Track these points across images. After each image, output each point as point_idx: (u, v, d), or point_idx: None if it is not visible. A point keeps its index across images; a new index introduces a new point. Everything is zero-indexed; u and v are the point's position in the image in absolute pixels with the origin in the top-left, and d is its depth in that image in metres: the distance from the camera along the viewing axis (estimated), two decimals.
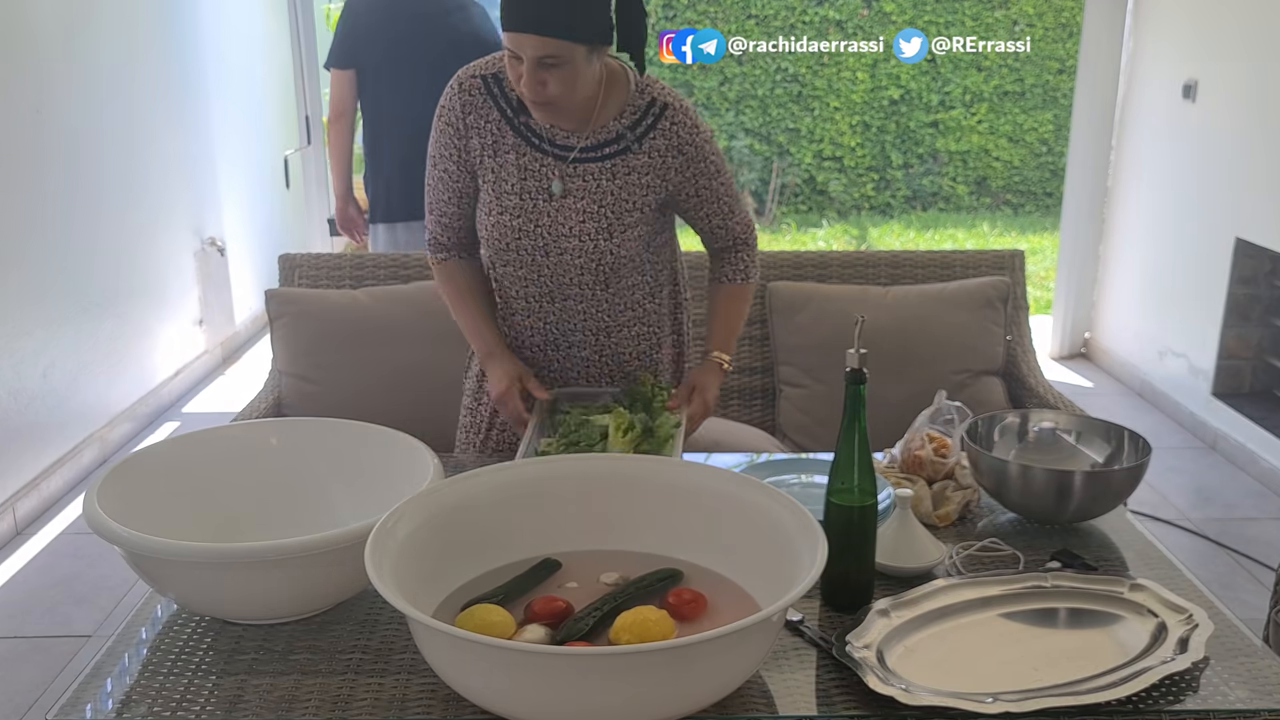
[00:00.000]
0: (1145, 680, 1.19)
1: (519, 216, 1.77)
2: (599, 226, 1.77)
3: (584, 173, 1.76)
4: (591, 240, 1.78)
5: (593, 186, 1.76)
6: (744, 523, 1.38)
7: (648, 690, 1.11)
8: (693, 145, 1.78)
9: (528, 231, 1.78)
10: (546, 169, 1.76)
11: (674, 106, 1.77)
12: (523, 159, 1.76)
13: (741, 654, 1.16)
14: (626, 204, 1.78)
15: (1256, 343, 3.99)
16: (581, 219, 1.77)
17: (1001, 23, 8.30)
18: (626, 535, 1.45)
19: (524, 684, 1.12)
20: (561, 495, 1.46)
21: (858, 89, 8.38)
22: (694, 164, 1.79)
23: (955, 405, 1.78)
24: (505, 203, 1.77)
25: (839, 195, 8.57)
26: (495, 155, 1.77)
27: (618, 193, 1.77)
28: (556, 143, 1.76)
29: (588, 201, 1.77)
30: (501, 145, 1.77)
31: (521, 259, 1.81)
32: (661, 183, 1.79)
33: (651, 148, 1.76)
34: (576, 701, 1.11)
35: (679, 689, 1.11)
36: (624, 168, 1.77)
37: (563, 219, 1.77)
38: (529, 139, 1.76)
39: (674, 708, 1.13)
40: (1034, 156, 8.57)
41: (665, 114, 1.76)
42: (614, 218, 1.78)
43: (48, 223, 3.59)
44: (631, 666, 1.10)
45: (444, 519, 1.37)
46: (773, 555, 1.30)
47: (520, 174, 1.76)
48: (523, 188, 1.77)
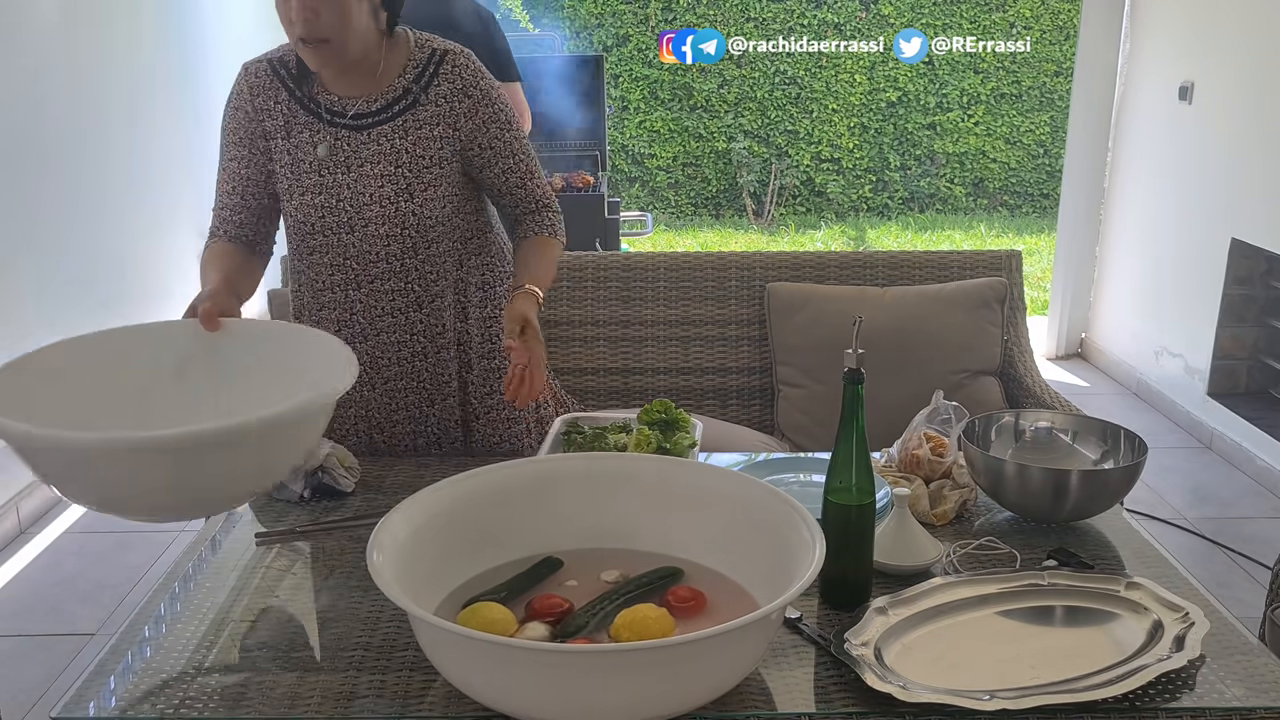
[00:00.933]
0: (1142, 678, 1.20)
1: (320, 194, 1.76)
2: (398, 188, 1.76)
3: (377, 136, 1.75)
4: (392, 204, 1.76)
5: (387, 148, 1.75)
6: (743, 521, 1.39)
7: (647, 687, 1.12)
8: (478, 89, 1.77)
9: (330, 208, 1.76)
10: (342, 140, 1.76)
11: (454, 52, 1.79)
12: (317, 135, 1.76)
13: (740, 652, 1.17)
14: (423, 160, 1.76)
15: (1252, 343, 4.01)
16: (380, 183, 1.75)
17: (999, 25, 8.31)
18: (627, 534, 1.46)
19: (525, 681, 1.13)
20: (562, 494, 1.46)
21: (856, 91, 8.39)
22: (482, 108, 1.78)
23: (952, 405, 1.79)
24: (305, 182, 1.76)
25: (837, 197, 8.58)
26: (289, 136, 1.77)
27: (412, 149, 1.76)
28: (349, 113, 1.76)
29: (384, 165, 1.75)
30: (294, 124, 1.76)
31: (328, 241, 1.79)
32: (453, 131, 1.77)
33: (437, 94, 1.76)
34: (577, 699, 1.12)
35: (678, 686, 1.12)
36: (414, 122, 1.76)
37: (362, 187, 1.76)
38: (319, 114, 1.76)
39: (673, 705, 1.14)
40: (1031, 158, 8.58)
41: (445, 59, 1.78)
42: (412, 176, 1.76)
43: (50, 223, 3.59)
44: (631, 664, 1.11)
45: (445, 518, 1.38)
46: (771, 553, 1.31)
47: (313, 150, 1.76)
48: (320, 164, 1.76)
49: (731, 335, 2.63)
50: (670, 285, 2.64)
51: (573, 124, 4.97)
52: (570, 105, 4.93)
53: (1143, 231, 4.63)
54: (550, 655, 1.13)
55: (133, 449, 1.27)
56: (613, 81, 8.36)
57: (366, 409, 1.90)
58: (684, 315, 2.63)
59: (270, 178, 1.80)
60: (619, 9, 8.30)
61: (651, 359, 2.62)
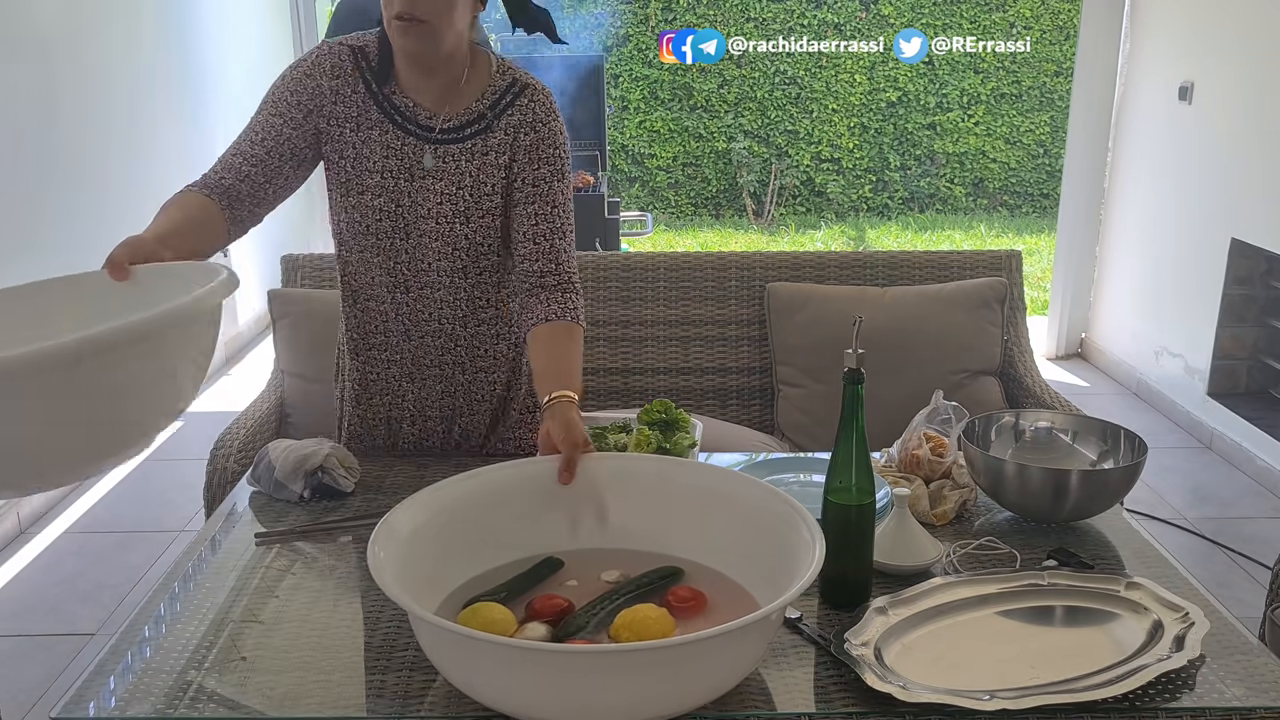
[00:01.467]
0: (1142, 678, 1.20)
1: (380, 196, 1.73)
2: (455, 209, 1.74)
3: (444, 154, 1.73)
4: (448, 223, 1.74)
5: (452, 168, 1.73)
6: (742, 520, 1.39)
7: (647, 687, 1.12)
8: (546, 126, 1.75)
9: (388, 212, 1.73)
10: (410, 147, 1.72)
11: (534, 88, 1.76)
12: (386, 136, 1.72)
13: (740, 652, 1.17)
14: (485, 186, 1.74)
15: (1252, 343, 4.01)
16: (439, 201, 1.73)
17: (999, 25, 8.31)
18: (627, 534, 1.46)
19: (524, 681, 1.13)
20: (562, 494, 1.47)
21: (856, 91, 8.40)
22: (542, 146, 1.74)
23: (952, 405, 1.79)
24: (367, 181, 1.73)
25: (837, 197, 8.59)
26: (358, 130, 1.72)
27: (475, 174, 1.74)
28: (419, 122, 1.72)
29: (446, 183, 1.73)
30: (365, 121, 1.72)
31: (380, 243, 1.76)
32: (510, 160, 1.74)
33: (507, 124, 1.74)
34: (577, 699, 1.12)
35: (678, 686, 1.12)
36: (482, 148, 1.74)
37: (422, 200, 1.73)
38: (393, 117, 1.72)
39: (673, 705, 1.14)
40: (1031, 158, 8.58)
41: (525, 93, 1.76)
42: (471, 201, 1.74)
43: (50, 222, 3.59)
44: (631, 664, 1.11)
45: (445, 518, 1.38)
46: (771, 553, 1.32)
47: (384, 151, 1.72)
48: (384, 166, 1.72)
49: (731, 335, 2.63)
50: (670, 285, 2.64)
51: (573, 124, 4.97)
52: (570, 105, 4.93)
53: (1143, 231, 4.63)
54: (549, 655, 1.13)
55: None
56: (613, 81, 8.36)
57: (403, 400, 1.90)
58: (684, 315, 2.63)
59: (303, 154, 1.72)
60: (619, 9, 8.30)
61: (651, 359, 2.62)
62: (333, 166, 1.75)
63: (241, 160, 1.69)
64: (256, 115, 1.72)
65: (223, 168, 1.68)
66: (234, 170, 1.68)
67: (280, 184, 1.72)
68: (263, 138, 1.69)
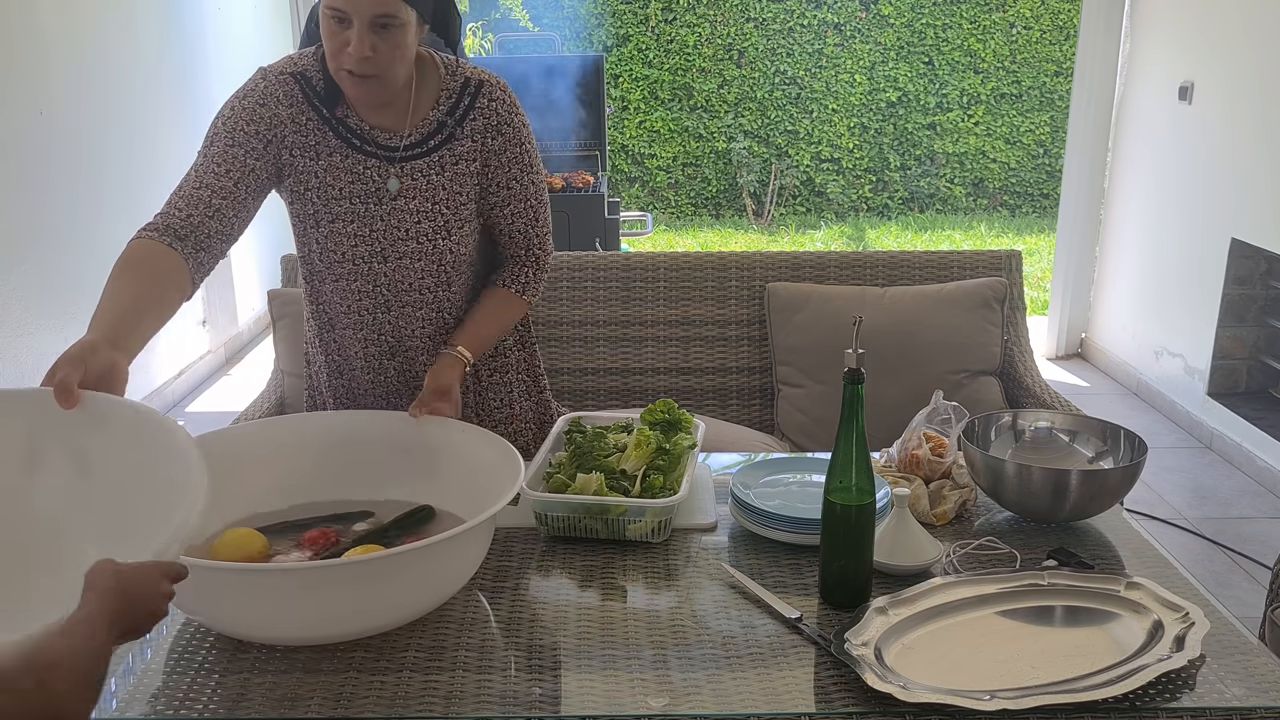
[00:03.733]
0: (1142, 678, 1.20)
1: (352, 223, 1.68)
2: (435, 225, 1.70)
3: (413, 170, 1.68)
4: (430, 240, 1.70)
5: (423, 184, 1.68)
6: (457, 463, 1.57)
7: (361, 600, 1.27)
8: (510, 126, 1.71)
9: (363, 237, 1.69)
10: (373, 170, 1.67)
11: (489, 83, 1.71)
12: (348, 161, 1.66)
13: (434, 569, 1.31)
14: (459, 197, 1.71)
15: (1252, 343, 4.01)
16: (417, 219, 1.69)
17: (999, 25, 8.32)
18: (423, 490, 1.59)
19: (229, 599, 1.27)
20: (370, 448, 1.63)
21: (855, 91, 8.40)
22: (511, 147, 1.71)
23: (952, 405, 1.79)
24: (335, 209, 1.67)
25: (837, 197, 8.59)
26: (317, 159, 1.66)
27: (449, 186, 1.69)
28: (379, 143, 1.67)
29: (420, 200, 1.68)
30: (323, 149, 1.66)
31: (357, 269, 1.71)
32: (482, 168, 1.71)
33: (472, 129, 1.69)
34: (302, 613, 1.27)
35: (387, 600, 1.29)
36: (450, 158, 1.69)
37: (397, 221, 1.68)
38: (351, 141, 1.66)
39: (390, 615, 1.31)
40: (1031, 158, 8.59)
41: (482, 90, 1.70)
42: (450, 213, 1.70)
43: (51, 222, 3.60)
44: (329, 579, 1.26)
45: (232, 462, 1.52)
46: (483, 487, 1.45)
47: (349, 177, 1.66)
48: (352, 192, 1.67)
49: (731, 335, 2.63)
50: (670, 285, 2.64)
51: (573, 124, 4.97)
52: (570, 105, 4.93)
53: (1143, 231, 4.63)
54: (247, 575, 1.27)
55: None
56: (613, 81, 8.36)
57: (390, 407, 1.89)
58: (684, 315, 2.63)
59: (265, 185, 1.65)
60: (619, 9, 8.31)
61: (651, 359, 2.62)
62: (298, 199, 1.69)
63: (209, 194, 1.57)
64: (209, 148, 1.61)
65: (186, 204, 1.56)
66: (201, 205, 1.56)
67: (244, 217, 1.63)
68: (226, 169, 1.59)
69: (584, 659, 1.30)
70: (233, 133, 1.61)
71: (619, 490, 1.59)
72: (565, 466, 1.67)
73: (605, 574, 1.50)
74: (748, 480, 1.68)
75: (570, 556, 1.55)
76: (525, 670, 1.28)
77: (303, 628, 1.30)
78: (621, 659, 1.30)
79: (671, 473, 1.64)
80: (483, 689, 1.24)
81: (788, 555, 1.54)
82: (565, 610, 1.41)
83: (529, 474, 1.62)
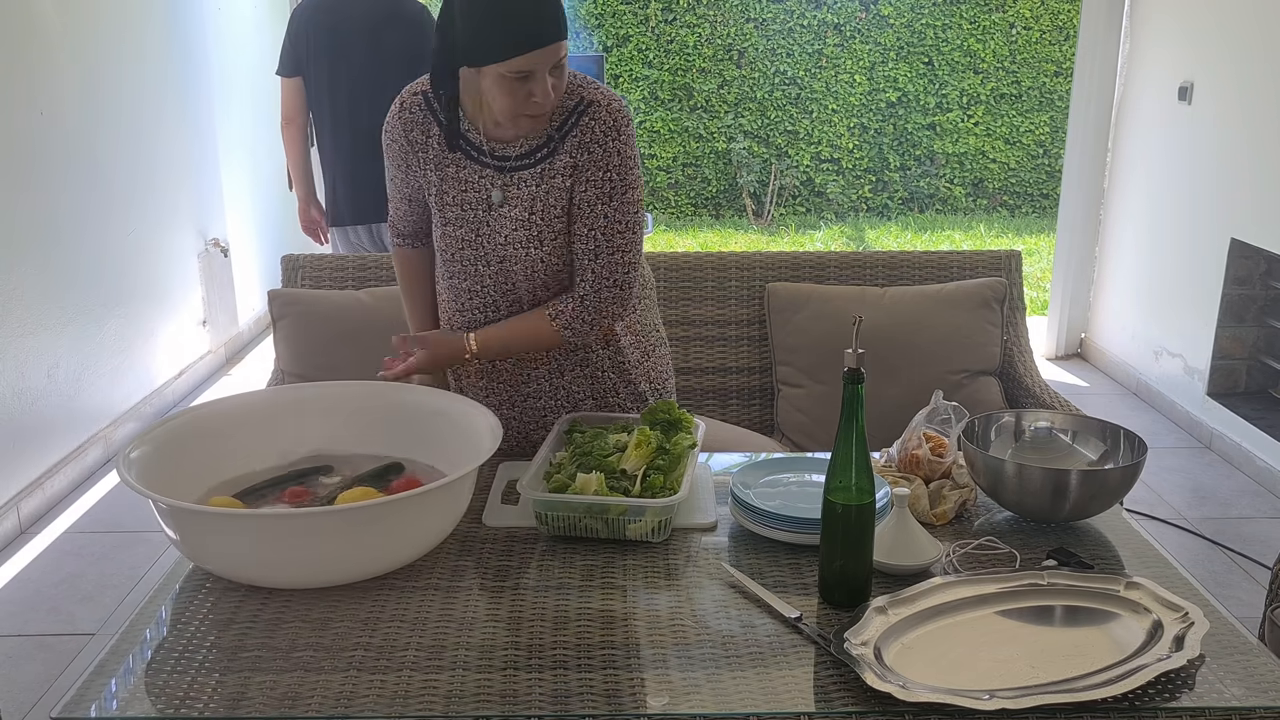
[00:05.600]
0: (1141, 678, 1.20)
1: (461, 227, 1.81)
2: (529, 235, 1.78)
3: (518, 180, 1.77)
4: (523, 248, 1.79)
5: (524, 194, 1.77)
6: (449, 426, 1.67)
7: (352, 546, 1.39)
8: (601, 147, 1.74)
9: (470, 241, 1.82)
10: (485, 180, 1.78)
11: (599, 104, 1.74)
12: (462, 171, 1.79)
13: (421, 517, 1.43)
14: (554, 209, 1.77)
15: (1251, 343, 4.01)
16: (514, 228, 1.78)
17: (999, 25, 8.32)
18: (376, 443, 1.74)
19: (230, 543, 1.40)
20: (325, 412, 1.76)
21: (855, 91, 8.40)
22: (597, 169, 1.75)
23: (952, 405, 1.79)
24: (448, 214, 1.82)
25: (837, 197, 8.59)
26: (438, 169, 1.81)
27: (544, 198, 1.76)
28: (495, 154, 1.77)
29: (520, 209, 1.77)
30: (443, 160, 1.80)
31: (466, 269, 1.85)
32: (573, 182, 1.76)
33: (570, 145, 1.74)
34: (298, 558, 1.39)
35: (374, 547, 1.41)
36: (550, 171, 1.76)
37: (499, 228, 1.79)
38: (468, 151, 1.79)
39: (377, 563, 1.44)
40: (1030, 158, 8.59)
41: (589, 110, 1.74)
42: (543, 224, 1.77)
43: (51, 223, 3.60)
44: (318, 526, 1.37)
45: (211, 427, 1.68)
46: (465, 449, 1.57)
47: (460, 186, 1.80)
48: (463, 199, 1.80)
49: (731, 335, 2.63)
50: (670, 285, 2.64)
51: None
52: None
53: (1142, 231, 4.63)
54: (243, 520, 1.40)
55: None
56: (613, 81, 8.36)
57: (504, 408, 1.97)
58: (684, 315, 2.63)
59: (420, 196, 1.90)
60: (619, 9, 8.31)
61: None
62: (429, 201, 1.87)
63: (399, 216, 1.95)
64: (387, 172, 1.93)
65: (395, 224, 1.97)
66: (402, 222, 1.96)
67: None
68: (398, 196, 1.92)
69: (584, 659, 1.30)
70: (389, 163, 1.90)
71: (619, 490, 1.59)
72: (565, 466, 1.67)
73: (605, 574, 1.51)
74: (748, 480, 1.68)
75: (570, 556, 1.55)
76: (525, 670, 1.28)
77: (325, 570, 1.42)
78: (621, 659, 1.30)
79: (671, 473, 1.64)
80: (483, 689, 1.24)
81: (788, 555, 1.54)
82: (565, 610, 1.41)
83: (529, 474, 1.62)
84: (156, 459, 1.55)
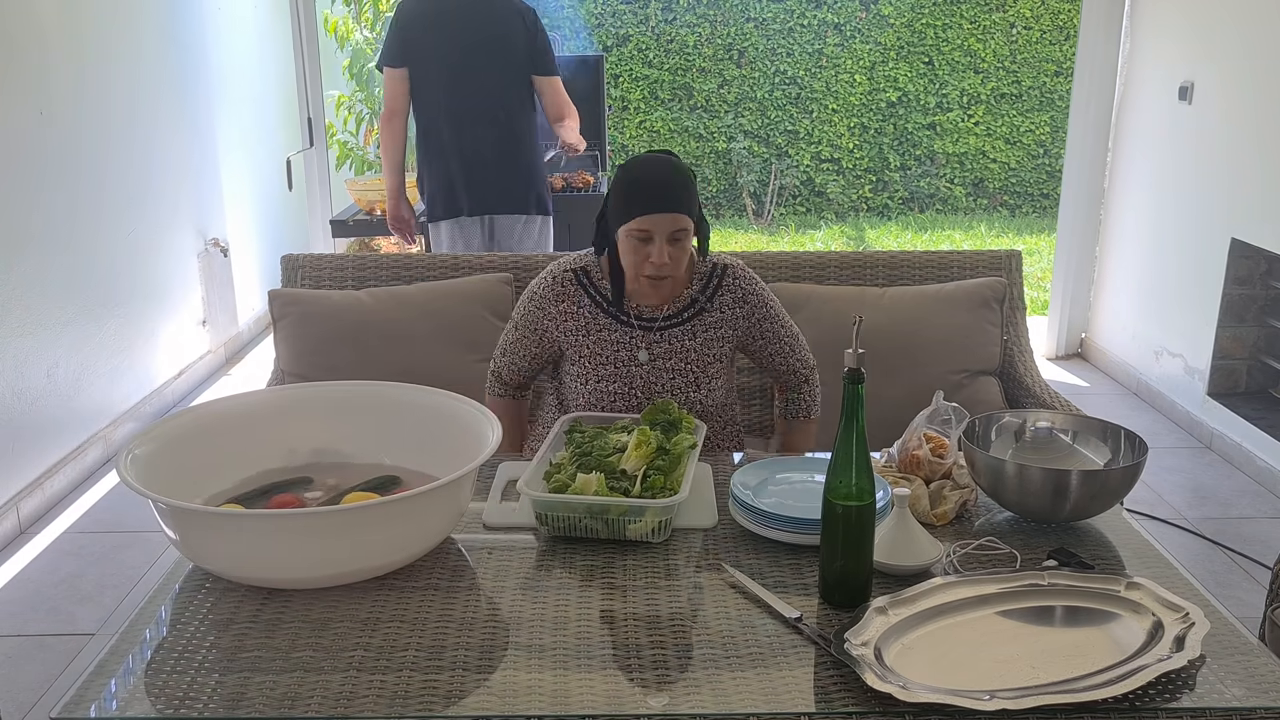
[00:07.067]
0: (1142, 678, 1.20)
1: (614, 382, 2.05)
2: (687, 380, 2.05)
3: (669, 337, 2.05)
4: (682, 393, 2.05)
5: (678, 348, 2.05)
6: (449, 426, 1.67)
7: (352, 546, 1.39)
8: (754, 295, 2.10)
9: (622, 394, 2.05)
10: (634, 340, 2.04)
11: (733, 267, 2.10)
12: (613, 334, 2.05)
13: (421, 517, 1.45)
14: (709, 356, 2.06)
15: (1252, 343, 4.01)
16: (671, 376, 2.05)
17: (999, 25, 8.32)
18: (366, 450, 1.74)
19: (230, 543, 1.40)
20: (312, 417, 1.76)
21: (855, 91, 8.40)
22: (757, 310, 2.10)
23: (952, 405, 1.79)
24: (601, 371, 2.05)
25: (837, 197, 8.59)
26: (589, 334, 2.06)
27: (700, 349, 2.05)
28: (643, 317, 2.05)
29: (675, 360, 2.05)
30: (594, 326, 2.05)
31: (617, 410, 2.05)
32: (733, 332, 2.09)
33: (721, 303, 2.07)
34: (303, 556, 1.40)
35: (374, 547, 1.41)
36: (701, 326, 2.06)
37: (654, 379, 2.05)
38: (618, 318, 2.05)
39: (380, 558, 1.44)
40: (1031, 158, 8.59)
41: (728, 274, 2.08)
42: (699, 370, 2.06)
43: (52, 223, 3.60)
44: (318, 526, 1.38)
45: (213, 427, 1.68)
46: (462, 449, 1.57)
47: (614, 347, 2.05)
48: (615, 357, 2.05)
49: None
50: None
51: None
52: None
53: (1143, 231, 4.63)
54: (243, 520, 1.40)
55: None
56: (613, 81, 8.36)
57: None
58: None
59: (550, 356, 2.13)
60: (619, 9, 8.31)
61: None
62: (571, 361, 2.09)
63: (526, 364, 2.15)
64: (517, 322, 2.13)
65: (507, 369, 2.18)
66: (513, 371, 2.17)
67: (537, 372, 2.18)
68: (521, 353, 2.13)
69: (584, 659, 1.30)
70: (520, 326, 2.12)
71: (619, 490, 1.59)
72: (565, 466, 1.67)
73: (605, 574, 1.51)
74: (748, 480, 1.68)
75: (570, 556, 1.55)
76: (525, 670, 1.28)
77: (330, 566, 1.42)
78: (621, 659, 1.30)
79: (672, 473, 1.64)
80: (482, 689, 1.24)
81: (788, 555, 1.54)
82: (565, 610, 1.41)
83: (529, 474, 1.62)
84: (156, 459, 1.56)
